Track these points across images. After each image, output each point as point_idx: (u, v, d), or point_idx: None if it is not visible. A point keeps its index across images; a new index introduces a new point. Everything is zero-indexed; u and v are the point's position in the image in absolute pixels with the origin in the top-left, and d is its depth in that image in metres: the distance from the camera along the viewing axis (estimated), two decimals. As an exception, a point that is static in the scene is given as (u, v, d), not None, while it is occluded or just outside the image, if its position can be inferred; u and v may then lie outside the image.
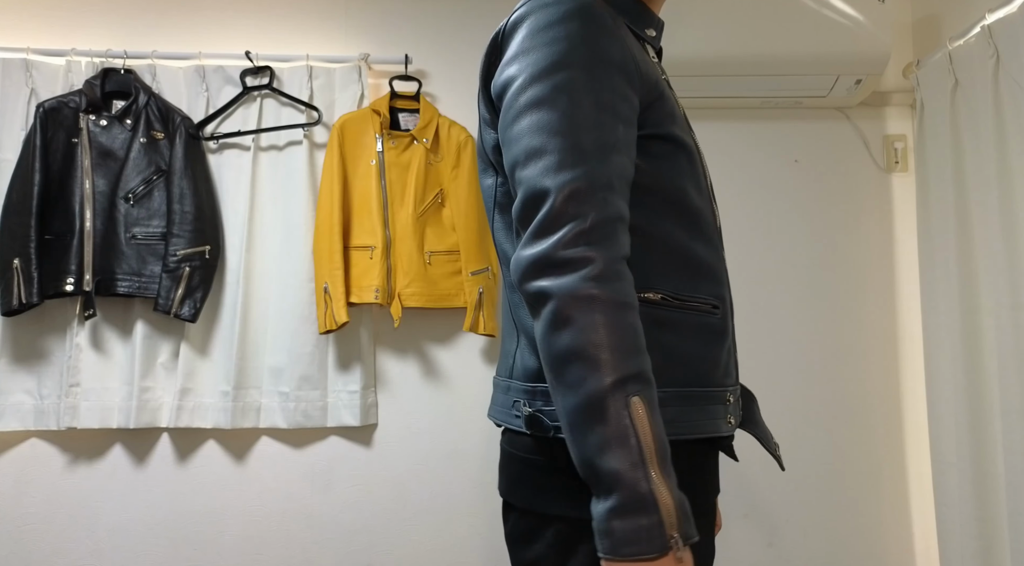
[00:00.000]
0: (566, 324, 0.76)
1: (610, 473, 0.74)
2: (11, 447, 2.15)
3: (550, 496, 0.88)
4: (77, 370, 2.09)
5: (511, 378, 0.96)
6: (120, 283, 2.07)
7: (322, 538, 2.18)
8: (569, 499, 0.86)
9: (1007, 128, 1.81)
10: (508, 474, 0.95)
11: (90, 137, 2.10)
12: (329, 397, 2.16)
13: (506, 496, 0.95)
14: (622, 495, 0.74)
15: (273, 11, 2.33)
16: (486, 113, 0.95)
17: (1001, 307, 1.82)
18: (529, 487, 0.91)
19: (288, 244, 2.17)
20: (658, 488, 0.74)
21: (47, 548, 2.13)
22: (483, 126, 0.97)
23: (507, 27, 0.90)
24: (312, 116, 2.21)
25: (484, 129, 0.97)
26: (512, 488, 0.94)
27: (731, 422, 0.95)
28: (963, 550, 1.94)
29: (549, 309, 0.77)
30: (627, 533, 0.73)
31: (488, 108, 0.95)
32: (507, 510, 0.97)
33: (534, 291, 0.79)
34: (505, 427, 0.97)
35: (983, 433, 1.91)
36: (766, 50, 2.07)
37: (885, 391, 2.27)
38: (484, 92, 0.95)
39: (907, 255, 2.30)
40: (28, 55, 2.17)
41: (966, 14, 2.09)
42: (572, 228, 0.78)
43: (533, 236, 0.80)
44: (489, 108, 0.95)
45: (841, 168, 2.34)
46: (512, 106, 0.85)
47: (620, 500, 0.74)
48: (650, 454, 0.75)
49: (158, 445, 2.18)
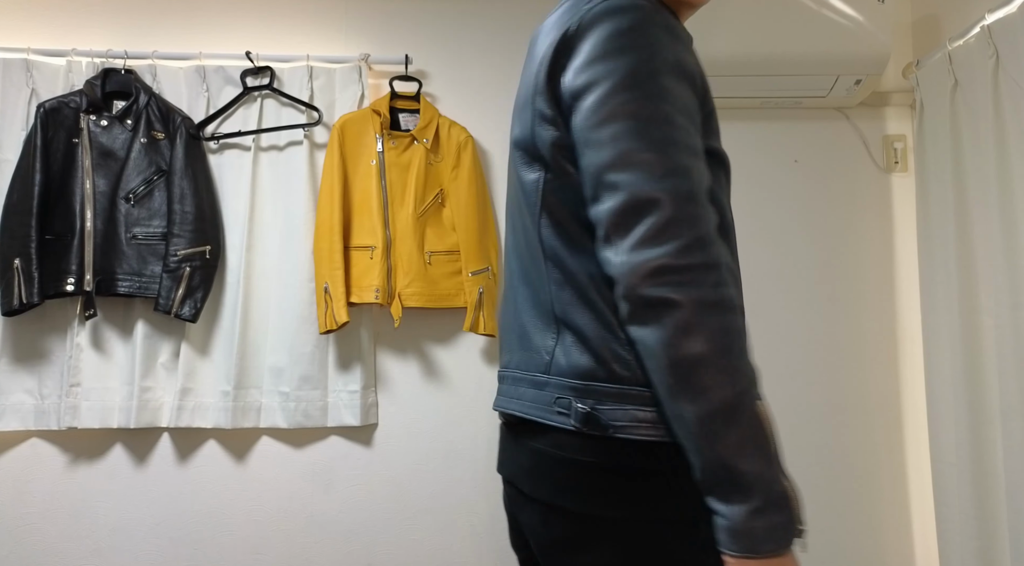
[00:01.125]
0: (695, 331, 0.79)
1: (749, 474, 0.78)
2: (11, 447, 2.15)
3: (614, 498, 0.87)
4: (78, 370, 2.10)
5: (548, 374, 0.94)
6: (121, 283, 2.07)
7: (322, 538, 2.18)
8: (634, 500, 0.86)
9: (1007, 128, 1.81)
10: (553, 477, 0.91)
11: (91, 137, 2.10)
12: (329, 397, 2.16)
13: (551, 499, 0.91)
14: (761, 495, 0.78)
15: (273, 11, 2.33)
16: (546, 109, 0.93)
17: (1001, 307, 1.82)
18: (586, 490, 0.88)
19: (288, 244, 2.17)
20: (787, 485, 0.80)
21: (47, 548, 2.13)
22: (539, 122, 0.94)
23: (578, 27, 0.90)
24: (312, 116, 2.21)
25: (540, 125, 0.94)
26: (561, 491, 0.90)
27: None
28: (963, 550, 1.94)
29: (675, 316, 0.79)
30: (766, 531, 0.78)
31: (551, 105, 0.92)
32: (548, 514, 0.92)
33: (655, 297, 0.80)
34: (536, 423, 0.94)
35: (983, 433, 1.91)
36: (766, 50, 2.07)
37: (885, 391, 2.27)
38: (549, 88, 0.92)
39: (907, 255, 2.31)
40: (28, 55, 2.17)
41: (966, 14, 2.09)
42: (690, 235, 0.80)
43: (645, 242, 0.80)
44: (552, 105, 0.92)
45: (841, 168, 2.34)
46: (599, 109, 0.85)
47: (760, 501, 0.78)
48: (775, 453, 0.80)
49: (158, 445, 2.18)
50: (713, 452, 0.79)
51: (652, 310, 0.80)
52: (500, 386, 1.07)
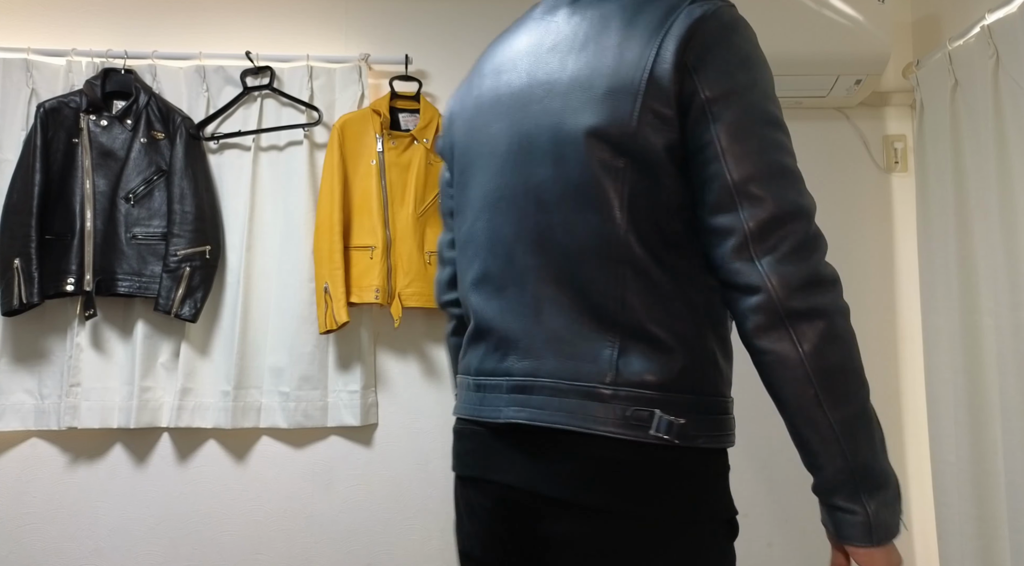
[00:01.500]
0: (839, 339, 0.86)
1: (883, 471, 0.87)
2: (11, 447, 2.15)
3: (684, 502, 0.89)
4: (78, 370, 2.10)
5: (614, 385, 0.89)
6: (120, 283, 2.07)
7: (322, 538, 2.18)
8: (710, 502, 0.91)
9: (1007, 128, 1.81)
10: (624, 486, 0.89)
11: (90, 137, 2.10)
12: (329, 397, 2.16)
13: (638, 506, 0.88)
14: (891, 489, 0.88)
15: (273, 11, 2.33)
16: (665, 110, 0.88)
17: (1001, 307, 1.82)
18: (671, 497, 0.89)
19: (288, 244, 2.17)
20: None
21: (47, 548, 2.13)
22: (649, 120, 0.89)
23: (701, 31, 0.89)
24: (312, 116, 2.21)
25: (650, 124, 0.89)
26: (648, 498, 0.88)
27: None
28: (963, 550, 1.94)
29: (824, 325, 0.85)
30: (892, 520, 0.88)
31: (671, 106, 0.89)
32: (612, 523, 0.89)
33: (807, 308, 0.84)
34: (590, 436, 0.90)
35: (983, 433, 1.91)
36: (766, 50, 2.05)
37: (885, 391, 2.27)
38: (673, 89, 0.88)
39: (907, 255, 2.31)
40: (28, 55, 2.17)
41: (966, 14, 2.09)
42: (824, 248, 0.87)
43: (798, 253, 0.85)
44: (673, 107, 0.89)
45: (841, 168, 2.34)
46: (743, 120, 0.87)
47: (890, 494, 0.88)
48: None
49: (158, 445, 2.18)
50: (854, 453, 0.86)
51: (805, 319, 0.84)
52: (519, 395, 0.95)
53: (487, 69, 1.08)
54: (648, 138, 0.89)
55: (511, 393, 0.96)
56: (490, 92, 1.04)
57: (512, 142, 0.98)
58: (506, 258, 0.98)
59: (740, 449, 2.23)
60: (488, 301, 1.00)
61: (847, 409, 0.85)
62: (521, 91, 0.99)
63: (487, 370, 1.00)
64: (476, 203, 1.03)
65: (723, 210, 0.87)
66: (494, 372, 0.99)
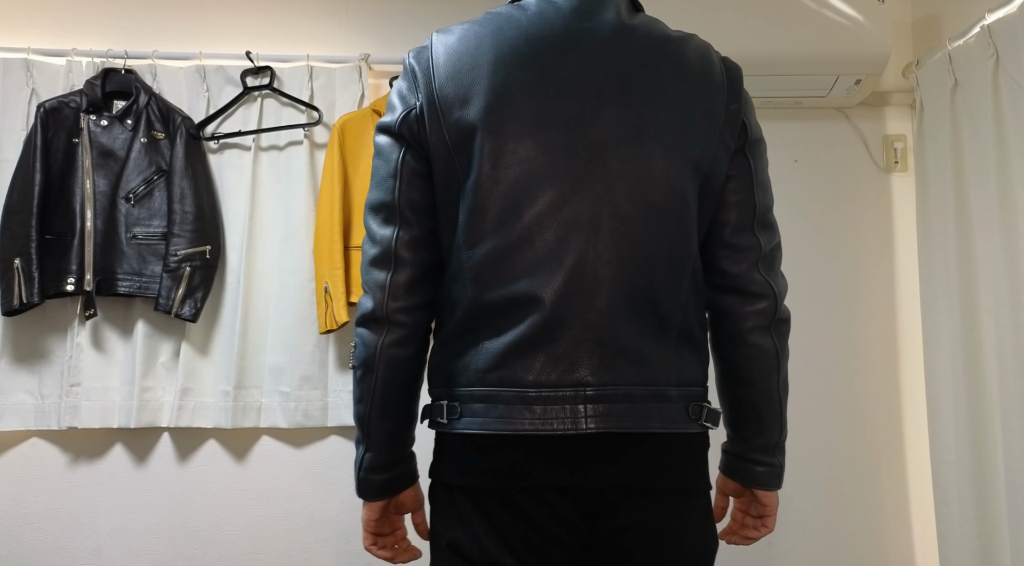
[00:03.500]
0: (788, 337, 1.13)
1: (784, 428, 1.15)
2: (11, 447, 2.15)
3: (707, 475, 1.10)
4: (78, 370, 2.09)
5: (679, 387, 1.03)
6: (121, 283, 2.07)
7: (322, 538, 2.18)
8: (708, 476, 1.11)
9: (1007, 128, 1.81)
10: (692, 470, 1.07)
11: (91, 137, 2.10)
12: (330, 396, 2.16)
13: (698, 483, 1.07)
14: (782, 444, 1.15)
15: (273, 11, 2.33)
16: (730, 142, 1.08)
17: (1001, 307, 1.82)
18: (704, 474, 1.09)
19: (288, 244, 2.17)
20: None
21: (47, 548, 2.13)
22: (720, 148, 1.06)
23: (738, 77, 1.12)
24: (312, 116, 2.21)
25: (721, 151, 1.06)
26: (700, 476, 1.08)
27: None
28: (963, 550, 1.94)
29: (788, 327, 1.12)
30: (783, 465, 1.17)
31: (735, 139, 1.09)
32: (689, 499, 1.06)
33: (787, 314, 1.12)
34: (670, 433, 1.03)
35: (983, 433, 1.91)
36: (766, 50, 2.07)
37: (885, 391, 2.27)
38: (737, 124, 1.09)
39: (907, 255, 2.30)
40: (28, 55, 2.17)
41: (966, 14, 2.09)
42: None
43: (781, 274, 1.13)
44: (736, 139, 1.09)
45: (841, 168, 2.34)
46: (765, 157, 1.14)
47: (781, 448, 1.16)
48: None
49: (159, 445, 2.18)
50: (785, 421, 1.14)
51: (786, 324, 1.11)
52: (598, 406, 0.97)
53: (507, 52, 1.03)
54: (719, 165, 1.06)
55: (588, 403, 0.97)
56: (526, 87, 1.00)
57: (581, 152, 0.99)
58: (579, 267, 0.97)
59: (740, 449, 2.23)
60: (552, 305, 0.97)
61: (786, 389, 1.13)
62: (579, 98, 1.01)
63: (549, 382, 0.98)
64: (526, 210, 0.98)
65: (750, 230, 1.09)
66: (559, 384, 0.97)
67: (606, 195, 0.98)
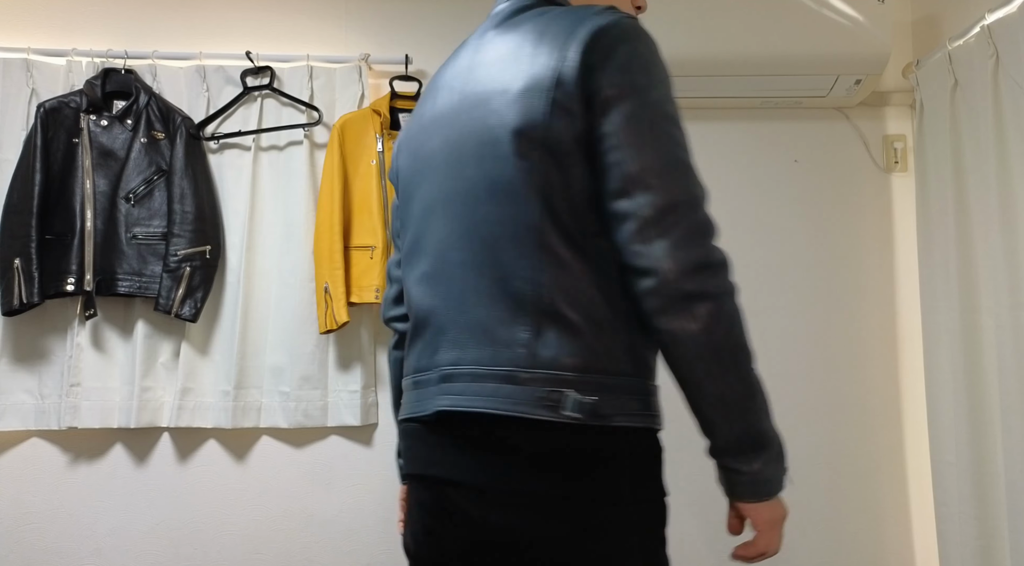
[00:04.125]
0: (731, 317, 0.92)
1: (765, 433, 0.95)
2: (12, 447, 2.15)
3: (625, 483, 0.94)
4: (78, 370, 2.10)
5: (531, 369, 0.93)
6: (121, 283, 2.08)
7: (322, 538, 2.18)
8: (640, 483, 0.96)
9: (1007, 128, 1.81)
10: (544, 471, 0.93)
11: (91, 137, 2.10)
12: (330, 397, 2.16)
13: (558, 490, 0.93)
14: (773, 449, 0.96)
15: (273, 11, 2.33)
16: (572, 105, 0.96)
17: (1001, 307, 1.82)
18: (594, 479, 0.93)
19: (288, 244, 2.17)
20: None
21: (47, 548, 2.13)
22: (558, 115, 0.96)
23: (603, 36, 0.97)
24: (312, 116, 2.21)
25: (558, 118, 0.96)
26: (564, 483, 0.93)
27: None
28: (963, 550, 1.94)
29: (713, 306, 0.91)
30: (775, 477, 0.97)
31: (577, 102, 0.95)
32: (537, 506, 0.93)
33: (698, 290, 0.90)
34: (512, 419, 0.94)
35: (983, 433, 1.91)
36: (766, 50, 2.07)
37: (885, 391, 2.27)
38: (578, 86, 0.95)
39: (907, 255, 2.31)
40: (28, 55, 2.17)
41: (966, 14, 2.09)
42: (713, 236, 0.93)
43: (690, 238, 0.91)
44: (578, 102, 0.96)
45: (841, 168, 2.34)
46: (643, 114, 0.95)
47: (772, 453, 0.96)
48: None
49: (159, 445, 2.18)
50: (745, 420, 0.94)
51: (692, 302, 0.90)
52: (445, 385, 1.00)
53: (428, 94, 1.16)
54: (561, 131, 0.96)
55: (439, 384, 1.01)
56: (429, 113, 1.12)
57: (446, 152, 1.06)
58: (440, 256, 1.04)
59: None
60: (423, 298, 1.06)
61: (733, 381, 0.93)
62: (453, 106, 1.07)
63: (422, 367, 1.05)
64: (417, 214, 1.10)
65: (622, 196, 0.93)
66: (427, 367, 1.04)
67: (461, 185, 1.03)
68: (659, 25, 2.05)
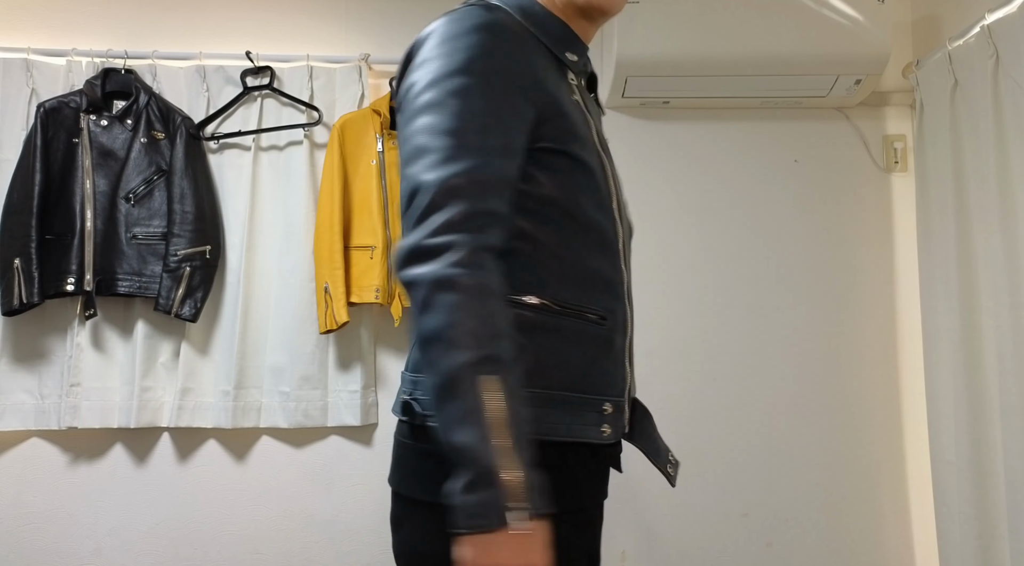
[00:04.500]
0: (430, 307, 0.81)
1: (461, 448, 0.78)
2: (12, 447, 2.15)
3: (415, 480, 0.93)
4: (78, 370, 2.10)
5: (408, 371, 0.99)
6: (121, 283, 2.08)
7: (322, 538, 2.18)
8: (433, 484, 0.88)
9: (1007, 128, 1.81)
10: (393, 458, 1.00)
11: (91, 137, 2.10)
12: (330, 397, 2.16)
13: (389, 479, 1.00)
14: (470, 469, 0.77)
15: (273, 11, 2.33)
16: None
17: (1001, 307, 1.82)
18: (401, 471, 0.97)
19: (288, 244, 2.17)
20: (502, 463, 0.77)
21: (47, 548, 2.13)
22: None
23: (417, 40, 0.95)
24: (312, 116, 2.21)
25: None
26: (391, 472, 0.99)
27: (605, 432, 0.95)
28: (963, 550, 1.94)
29: (419, 295, 0.82)
30: (473, 507, 0.77)
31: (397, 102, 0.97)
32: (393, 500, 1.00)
33: (406, 279, 0.84)
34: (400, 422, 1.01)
35: (982, 433, 1.91)
36: (766, 50, 2.07)
37: (884, 391, 2.27)
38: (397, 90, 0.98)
39: (907, 255, 2.31)
40: (28, 55, 2.17)
41: (966, 14, 2.09)
42: (440, 219, 0.83)
43: (410, 227, 0.85)
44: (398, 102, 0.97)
45: (841, 168, 2.34)
46: (408, 109, 0.91)
47: (469, 475, 0.77)
48: (499, 431, 0.78)
49: (159, 445, 2.18)
50: (439, 424, 0.80)
51: (409, 291, 0.84)
52: None
53: None
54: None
55: None
56: None
57: None
58: None
59: (740, 449, 2.23)
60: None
61: (434, 378, 0.81)
62: None
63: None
64: None
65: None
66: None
67: None
68: (660, 25, 2.06)
